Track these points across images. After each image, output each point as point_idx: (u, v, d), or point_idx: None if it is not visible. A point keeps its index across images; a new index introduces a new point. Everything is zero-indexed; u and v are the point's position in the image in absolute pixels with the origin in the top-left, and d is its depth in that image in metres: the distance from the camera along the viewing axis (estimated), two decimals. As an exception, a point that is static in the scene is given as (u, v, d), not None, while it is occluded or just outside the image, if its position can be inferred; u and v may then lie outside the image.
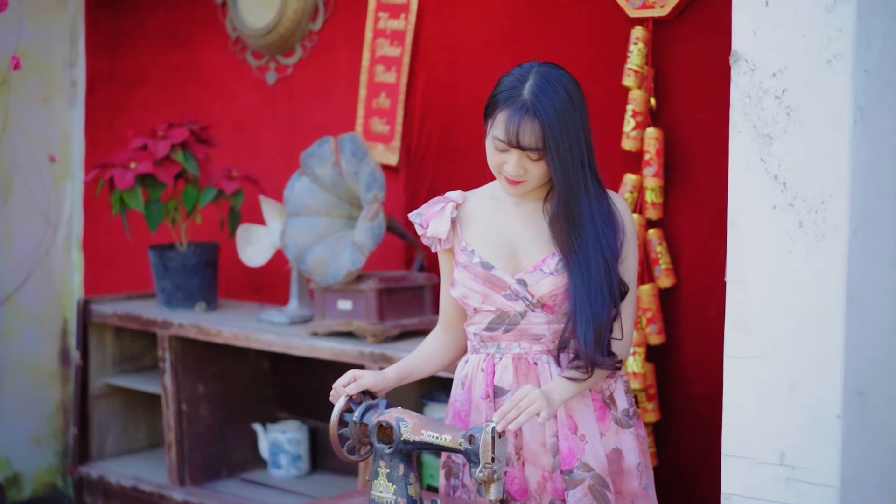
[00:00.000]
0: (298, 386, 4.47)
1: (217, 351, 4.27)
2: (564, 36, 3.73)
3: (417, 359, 2.86)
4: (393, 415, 2.68)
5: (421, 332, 3.84)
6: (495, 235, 2.72)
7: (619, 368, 2.69)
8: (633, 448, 2.74)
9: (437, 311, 3.86)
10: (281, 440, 4.27)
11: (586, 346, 2.58)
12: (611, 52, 3.55)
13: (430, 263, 4.03)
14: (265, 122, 4.59)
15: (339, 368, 4.13)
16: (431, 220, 2.76)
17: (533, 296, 2.66)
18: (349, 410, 2.74)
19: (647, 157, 3.43)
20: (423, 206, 2.80)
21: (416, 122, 4.11)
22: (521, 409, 2.52)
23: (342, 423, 2.73)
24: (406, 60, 4.11)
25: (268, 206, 4.15)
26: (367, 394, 2.78)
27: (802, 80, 2.33)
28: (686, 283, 3.49)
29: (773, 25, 2.36)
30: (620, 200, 2.72)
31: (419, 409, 3.77)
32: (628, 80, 3.44)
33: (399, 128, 4.13)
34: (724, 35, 3.32)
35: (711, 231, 3.40)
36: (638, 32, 3.42)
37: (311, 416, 4.43)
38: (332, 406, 2.74)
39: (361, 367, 3.72)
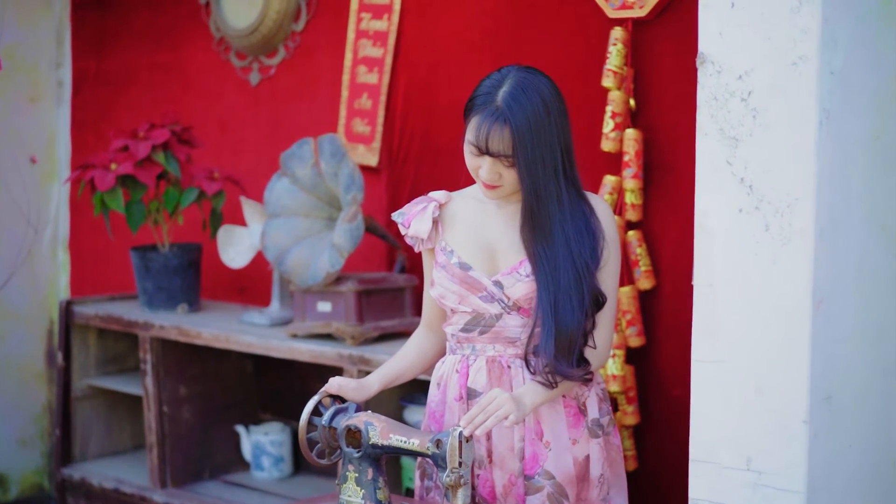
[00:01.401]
0: (281, 387, 4.46)
1: (199, 352, 4.25)
2: (544, 36, 3.71)
3: (402, 362, 2.84)
4: (361, 419, 2.66)
5: (401, 335, 3.84)
6: (476, 236, 2.70)
7: (589, 380, 2.66)
8: (598, 458, 2.71)
9: (417, 313, 3.90)
10: (263, 442, 4.27)
11: (548, 357, 2.55)
12: (590, 52, 3.54)
13: (411, 265, 4.02)
14: (248, 122, 4.59)
15: (320, 370, 4.16)
16: (413, 219, 2.74)
17: (509, 298, 2.64)
18: (318, 414, 2.72)
19: (626, 158, 3.41)
20: (407, 205, 2.79)
21: (397, 122, 4.10)
22: (488, 413, 2.50)
23: (311, 427, 2.71)
24: (388, 61, 4.10)
25: (248, 207, 4.14)
26: (338, 398, 2.76)
27: (768, 82, 2.31)
28: (666, 285, 3.47)
29: (739, 27, 2.34)
30: (602, 205, 2.69)
31: (399, 412, 3.76)
32: (607, 81, 3.42)
33: (380, 128, 4.12)
34: None
35: (691, 232, 3.30)
36: (617, 33, 3.40)
37: (294, 417, 4.39)
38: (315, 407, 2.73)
39: (340, 369, 3.72)
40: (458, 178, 3.81)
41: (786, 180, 2.30)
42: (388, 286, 3.82)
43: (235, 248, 4.18)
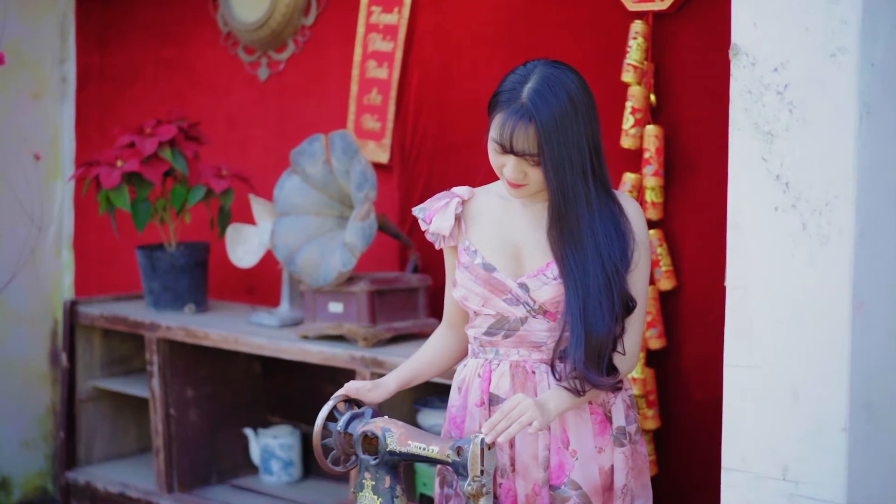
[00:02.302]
0: (290, 390, 4.38)
1: (206, 354, 4.17)
2: (561, 30, 3.63)
3: (421, 362, 2.75)
4: (378, 424, 2.57)
5: (414, 336, 3.75)
6: (500, 236, 2.60)
7: (619, 388, 2.57)
8: (623, 468, 2.61)
9: (431, 314, 3.82)
10: (272, 445, 4.19)
11: (578, 365, 2.46)
12: (609, 46, 3.45)
13: (425, 265, 3.94)
14: (256, 118, 4.51)
15: (331, 372, 4.07)
16: (435, 215, 2.64)
17: (534, 301, 2.54)
18: (333, 419, 2.63)
19: (646, 155, 3.34)
20: (428, 200, 2.69)
21: (410, 118, 4.02)
22: (511, 420, 2.41)
23: (326, 432, 2.62)
24: (398, 55, 4.01)
25: (258, 205, 4.06)
26: (353, 402, 2.67)
27: (806, 75, 2.22)
28: (687, 285, 3.39)
29: (774, 17, 2.25)
30: (633, 205, 2.58)
31: (413, 416, 3.67)
32: (627, 76, 3.34)
33: (390, 125, 4.03)
34: (727, 28, 3.26)
35: (714, 232, 3.26)
36: (637, 27, 3.33)
37: (303, 420, 4.33)
38: None
39: (352, 372, 3.64)
40: (474, 176, 3.73)
41: (824, 177, 2.21)
42: (401, 286, 3.73)
43: (244, 248, 4.10)
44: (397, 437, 2.54)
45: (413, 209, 2.73)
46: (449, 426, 2.70)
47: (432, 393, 3.71)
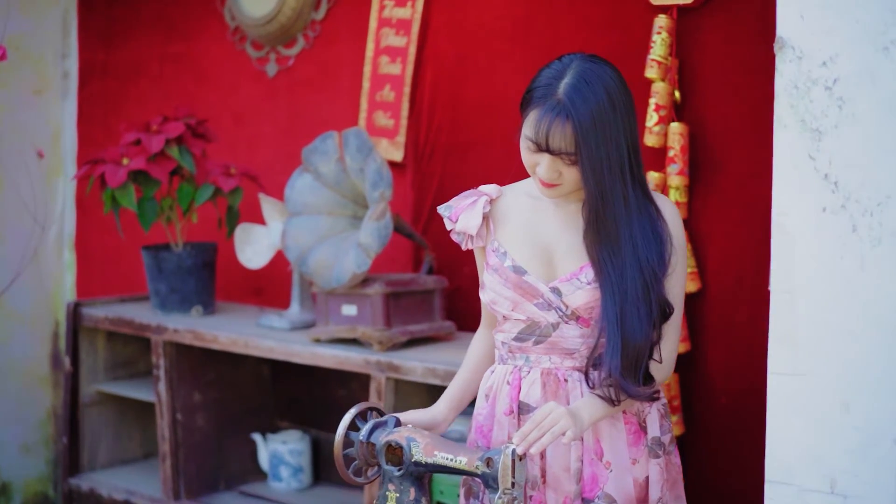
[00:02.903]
0: (300, 394, 4.28)
1: (214, 357, 4.08)
2: (582, 25, 3.54)
3: (468, 374, 2.65)
4: (403, 434, 2.47)
5: (430, 340, 3.67)
6: (531, 237, 2.50)
7: (656, 399, 2.47)
8: (658, 480, 2.51)
9: (447, 317, 3.75)
10: (282, 451, 4.10)
11: (614, 373, 2.36)
12: (632, 41, 3.37)
13: (440, 266, 3.86)
14: (265, 116, 4.42)
15: (343, 376, 3.99)
16: (462, 213, 2.54)
17: (567, 307, 2.43)
18: (355, 429, 2.53)
19: (671, 153, 3.25)
20: (454, 198, 2.58)
21: (424, 115, 3.93)
22: (543, 430, 2.31)
23: (347, 442, 2.51)
24: (412, 51, 3.92)
25: (268, 204, 3.97)
26: (375, 410, 2.56)
27: (856, 69, 2.12)
28: (712, 287, 3.30)
29: (822, 8, 2.15)
30: (670, 207, 2.49)
31: (427, 421, 3.56)
32: (651, 72, 3.26)
33: (404, 122, 3.94)
34: (755, 23, 3.20)
35: (740, 233, 3.23)
36: (661, 21, 3.25)
37: (313, 425, 4.25)
38: (336, 415, 2.54)
39: (366, 376, 3.56)
40: (490, 174, 3.67)
41: (875, 176, 2.11)
42: (416, 288, 3.63)
43: (253, 248, 4.00)
44: (423, 447, 2.43)
45: (438, 207, 2.62)
46: (475, 435, 2.60)
47: (446, 398, 3.61)
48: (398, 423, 2.54)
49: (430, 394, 3.58)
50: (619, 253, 2.37)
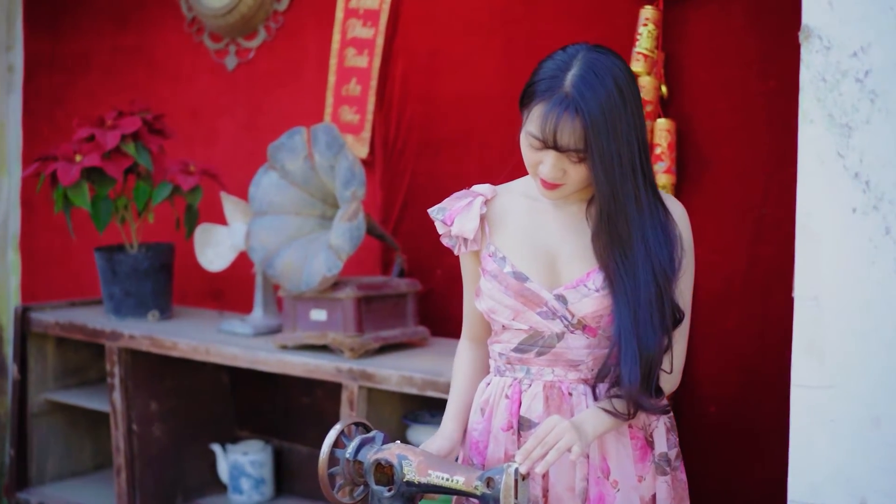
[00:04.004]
0: (261, 402, 4.13)
1: (171, 365, 3.93)
2: (563, 16, 3.43)
3: (466, 392, 2.47)
4: (393, 451, 2.29)
5: (404, 346, 3.54)
6: (531, 241, 2.33)
7: (668, 411, 2.31)
8: (665, 499, 2.36)
9: (420, 322, 3.58)
10: (242, 462, 3.94)
11: (631, 385, 2.20)
12: (616, 34, 3.26)
13: (411, 268, 3.72)
14: (224, 111, 4.29)
15: (307, 383, 3.83)
16: (457, 216, 2.36)
17: (573, 315, 2.27)
18: (340, 446, 2.35)
19: (658, 150, 3.17)
20: (446, 200, 2.41)
21: (394, 111, 3.80)
22: (547, 446, 2.15)
23: (333, 460, 2.33)
24: (380, 42, 3.79)
25: (230, 204, 3.81)
26: (361, 425, 2.39)
27: (890, 60, 2.00)
28: (700, 292, 3.12)
29: (852, -5, 2.02)
30: (679, 208, 2.34)
31: (402, 432, 3.43)
32: (637, 66, 3.16)
33: (370, 117, 3.82)
34: (746, 14, 3.11)
35: (730, 234, 3.15)
36: (648, 12, 3.16)
37: (275, 435, 4.11)
38: (299, 424, 2.36)
39: (338, 385, 3.42)
40: (464, 173, 3.55)
41: (910, 175, 1.98)
42: (389, 292, 3.47)
43: (215, 250, 3.85)
44: (416, 465, 2.26)
45: (429, 210, 2.44)
46: (470, 452, 2.43)
47: (422, 407, 3.48)
48: (386, 440, 2.36)
49: (404, 403, 3.43)
50: (632, 255, 2.22)
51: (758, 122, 3.09)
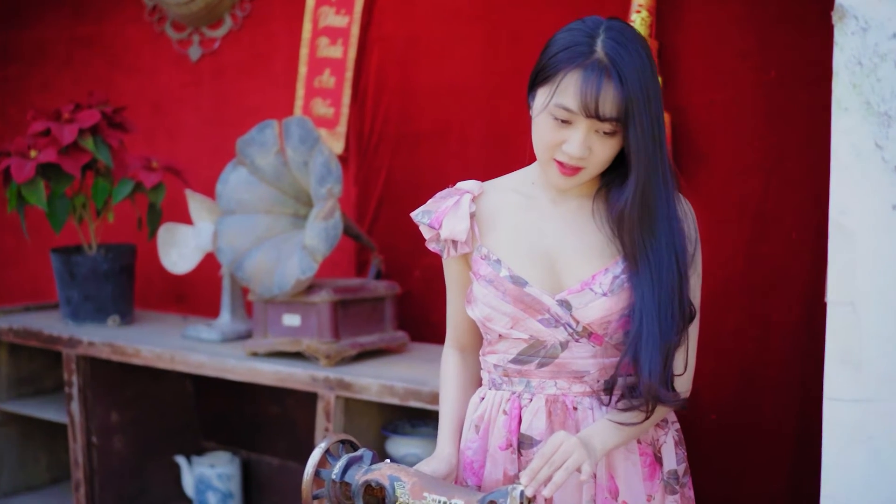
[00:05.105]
0: (229, 411, 3.98)
1: (133, 372, 3.78)
2: (549, 2, 3.29)
3: (460, 404, 2.29)
4: (384, 472, 2.10)
5: (382, 352, 3.37)
6: (527, 241, 2.14)
7: (684, 406, 2.15)
8: None
9: (399, 327, 3.41)
10: (208, 475, 3.79)
11: (651, 377, 2.04)
12: (607, 21, 3.10)
13: (389, 268, 3.58)
14: (188, 104, 4.18)
15: (277, 391, 3.67)
16: (445, 216, 2.17)
17: (578, 322, 2.09)
18: (325, 465, 2.16)
19: (652, 144, 2.96)
20: (430, 200, 2.22)
21: (369, 103, 3.67)
22: (555, 465, 1.97)
23: (317, 481, 2.14)
24: (355, 31, 3.65)
25: (196, 202, 3.64)
26: (348, 444, 2.19)
27: (934, 42, 1.82)
28: (697, 293, 3.02)
29: (892, -30, 1.86)
30: (685, 201, 2.18)
31: (381, 443, 3.26)
32: (630, 55, 2.97)
33: (346, 110, 3.68)
34: (744, 2, 2.99)
35: (728, 233, 3.02)
36: None
37: (243, 446, 3.97)
38: (269, 434, 2.17)
39: (313, 395, 3.26)
40: (444, 168, 3.40)
41: (956, 168, 1.82)
42: (366, 295, 3.29)
43: (179, 251, 3.69)
44: (409, 487, 2.07)
45: (413, 213, 2.25)
46: (464, 472, 2.24)
47: (402, 417, 3.31)
48: (375, 458, 2.17)
49: (383, 414, 3.26)
50: (659, 237, 2.07)
51: (757, 115, 2.99)
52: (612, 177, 2.13)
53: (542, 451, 2.00)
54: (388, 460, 2.16)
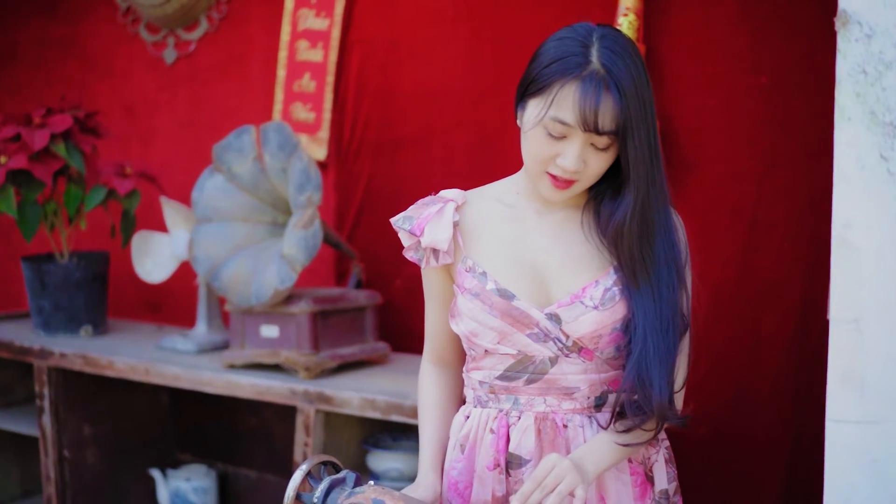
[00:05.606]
0: (205, 422, 3.90)
1: (106, 383, 3.70)
2: (534, 4, 3.24)
3: (440, 428, 2.21)
4: (368, 495, 2.01)
5: (363, 364, 3.30)
6: (513, 253, 2.07)
7: (685, 425, 2.10)
8: None
9: (380, 338, 3.34)
10: (184, 489, 3.72)
11: (662, 395, 1.98)
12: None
13: (369, 277, 3.52)
14: (163, 108, 4.11)
15: (254, 402, 3.63)
16: (427, 224, 2.09)
17: (568, 336, 2.02)
18: (306, 489, 2.08)
19: (639, 151, 2.91)
20: (411, 207, 2.14)
21: (349, 107, 3.60)
22: (547, 489, 1.90)
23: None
24: (336, 34, 3.59)
25: (171, 209, 3.57)
26: (330, 465, 2.11)
27: (942, 49, 1.76)
28: (687, 301, 2.96)
29: (897, -26, 1.79)
30: (674, 211, 2.11)
31: (361, 458, 3.19)
32: (617, 59, 2.91)
33: (327, 115, 3.62)
34: (736, 4, 2.92)
35: (717, 242, 2.97)
36: (628, 2, 3.00)
37: (220, 458, 3.89)
38: (246, 446, 2.09)
39: (292, 408, 3.18)
40: (426, 175, 3.33)
41: (966, 180, 1.75)
42: (347, 305, 3.22)
43: (154, 259, 3.62)
44: (395, 511, 1.99)
45: (393, 219, 2.17)
46: (449, 494, 2.16)
47: (383, 430, 3.24)
48: (358, 481, 2.09)
49: (363, 427, 3.18)
50: (655, 253, 2.03)
51: (749, 121, 2.94)
52: (603, 188, 2.06)
53: (533, 475, 1.93)
54: (371, 482, 2.08)
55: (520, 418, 2.08)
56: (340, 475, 2.09)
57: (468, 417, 2.15)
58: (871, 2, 1.80)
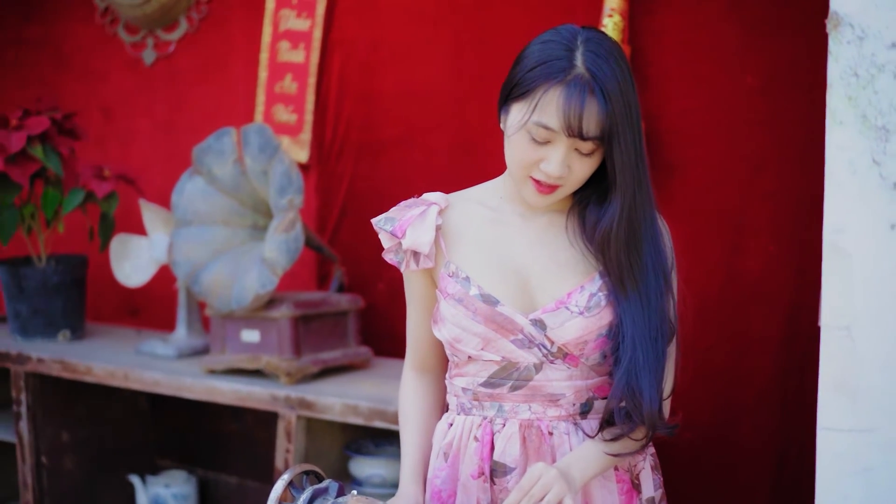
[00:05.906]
0: (184, 428, 3.87)
1: (84, 389, 3.64)
2: (518, 5, 3.23)
3: (422, 437, 2.18)
4: (351, 505, 1.98)
5: (345, 369, 3.26)
6: (496, 258, 2.04)
7: (672, 434, 2.08)
8: None
9: (363, 342, 3.31)
10: (164, 496, 3.68)
11: (653, 404, 1.97)
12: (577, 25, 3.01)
13: (351, 281, 3.49)
14: (141, 110, 4.07)
15: (239, 408, 3.59)
16: (409, 226, 2.06)
17: (553, 343, 1.99)
18: (287, 499, 2.04)
19: (623, 153, 2.90)
20: (393, 209, 2.11)
21: (330, 109, 3.57)
22: (534, 499, 1.88)
23: (279, 516, 2.03)
24: (317, 35, 3.56)
25: (150, 212, 3.53)
26: (312, 474, 2.08)
27: (935, 52, 1.73)
28: (671, 304, 2.94)
29: (891, -25, 1.77)
30: (659, 216, 2.09)
31: (343, 464, 3.16)
32: (601, 61, 2.89)
33: (309, 117, 3.60)
34: (722, 4, 2.89)
35: (703, 247, 2.96)
36: (613, 2, 2.98)
37: (200, 464, 3.85)
38: (227, 452, 2.06)
39: (273, 414, 3.14)
40: (408, 177, 3.30)
41: (960, 185, 1.73)
42: (328, 310, 3.20)
43: (133, 263, 3.59)
44: (378, 521, 1.96)
45: (374, 220, 2.13)
46: (432, 502, 2.13)
47: (365, 436, 3.21)
48: (341, 490, 2.06)
49: (346, 433, 3.15)
50: (643, 260, 2.01)
51: (735, 122, 2.92)
52: (588, 192, 2.03)
53: (520, 485, 1.90)
54: (354, 492, 2.05)
55: (504, 426, 2.05)
56: (323, 485, 2.06)
57: (451, 425, 2.12)
58: (864, 3, 1.77)
